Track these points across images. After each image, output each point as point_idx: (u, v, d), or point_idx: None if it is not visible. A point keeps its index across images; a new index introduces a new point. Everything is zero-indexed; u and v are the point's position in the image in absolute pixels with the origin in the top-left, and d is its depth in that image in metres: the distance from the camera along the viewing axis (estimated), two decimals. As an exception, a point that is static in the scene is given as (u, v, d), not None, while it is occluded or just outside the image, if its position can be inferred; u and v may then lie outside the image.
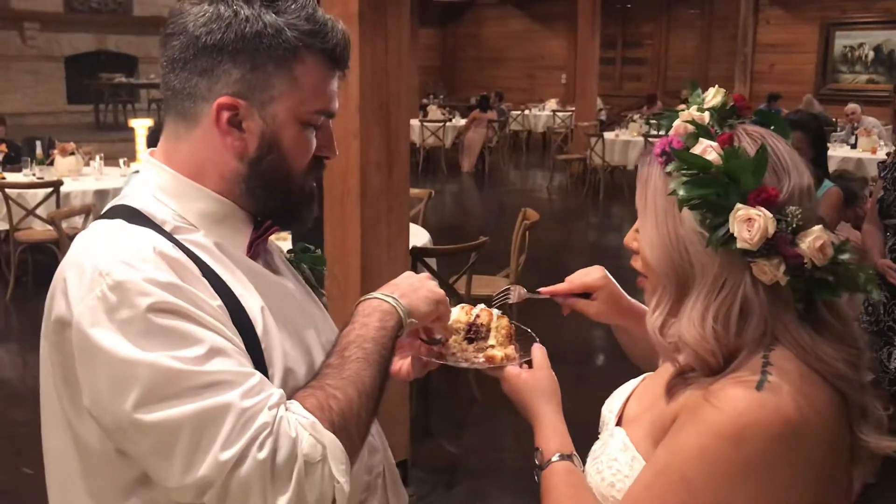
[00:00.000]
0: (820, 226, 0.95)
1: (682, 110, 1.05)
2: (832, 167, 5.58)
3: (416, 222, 4.78)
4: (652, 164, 1.03)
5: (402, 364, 1.24)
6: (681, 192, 0.97)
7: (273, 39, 0.98)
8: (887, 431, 0.97)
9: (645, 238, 1.04)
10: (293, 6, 1.00)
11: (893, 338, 3.01)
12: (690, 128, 1.01)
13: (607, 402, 1.23)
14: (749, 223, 0.93)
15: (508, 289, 1.34)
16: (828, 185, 3.49)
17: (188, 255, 0.98)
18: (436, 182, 11.27)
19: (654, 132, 9.89)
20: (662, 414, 1.01)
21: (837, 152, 8.36)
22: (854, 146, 8.61)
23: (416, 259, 3.82)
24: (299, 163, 1.04)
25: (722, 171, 0.96)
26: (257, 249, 1.10)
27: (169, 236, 0.99)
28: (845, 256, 0.96)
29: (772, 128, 1.04)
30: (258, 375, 0.93)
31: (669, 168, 0.99)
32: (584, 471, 1.11)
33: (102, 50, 13.43)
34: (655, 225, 1.01)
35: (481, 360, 1.18)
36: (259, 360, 0.98)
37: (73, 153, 6.64)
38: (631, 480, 1.01)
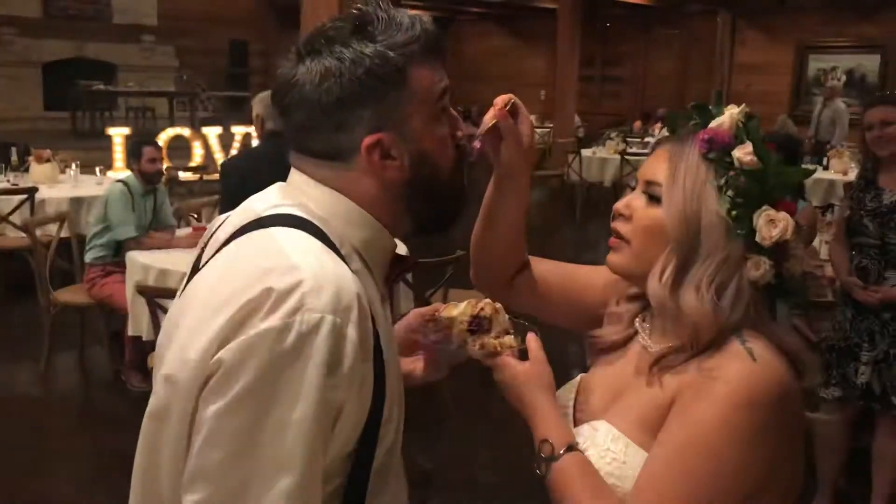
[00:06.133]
0: (801, 244, 1.13)
1: (714, 111, 1.16)
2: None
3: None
4: (688, 145, 1.13)
5: (416, 366, 1.24)
6: (728, 179, 1.09)
7: (383, 68, 0.97)
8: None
9: (668, 207, 1.12)
10: (382, 25, 0.99)
11: (860, 353, 3.05)
12: (732, 126, 1.13)
13: None
14: (772, 224, 1.08)
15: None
16: (803, 204, 3.65)
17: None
18: (414, 195, 11.25)
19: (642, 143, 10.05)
20: (653, 399, 1.10)
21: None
22: (826, 168, 8.74)
23: (393, 272, 3.82)
24: (447, 161, 1.05)
25: (770, 173, 1.10)
26: (396, 281, 1.10)
27: (347, 266, 0.96)
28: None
29: None
30: None
31: (712, 155, 1.11)
32: None
33: (81, 57, 13.32)
34: (683, 199, 1.11)
35: (477, 348, 1.18)
36: (376, 418, 0.97)
37: (48, 160, 6.58)
38: (629, 467, 1.07)
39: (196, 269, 1.06)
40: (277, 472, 0.86)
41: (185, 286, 1.05)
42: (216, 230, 1.08)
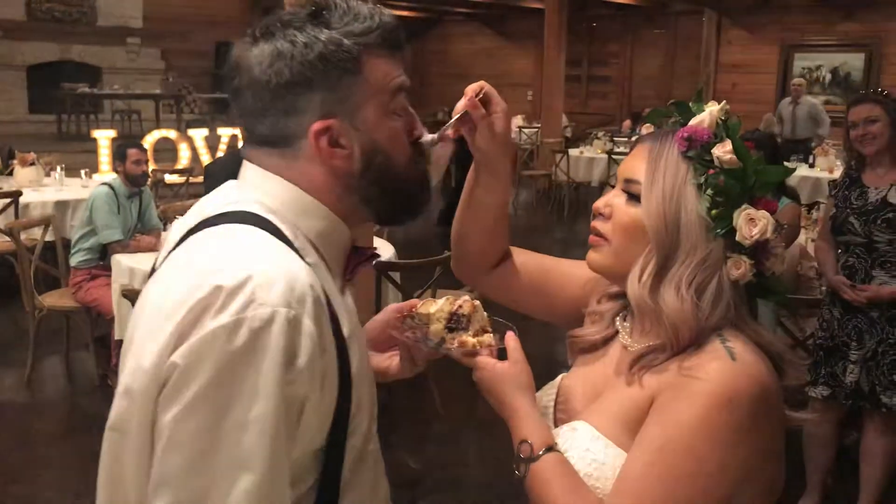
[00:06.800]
0: (783, 241, 1.11)
1: (694, 108, 1.15)
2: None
3: (380, 236, 4.78)
4: (668, 143, 1.12)
5: (391, 362, 1.23)
6: (708, 178, 1.08)
7: (336, 54, 0.96)
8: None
9: (647, 205, 1.11)
10: (339, 12, 0.98)
11: (848, 352, 3.06)
12: (712, 124, 1.12)
13: None
14: (752, 223, 1.07)
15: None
16: (785, 201, 3.73)
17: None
18: (402, 196, 11.23)
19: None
20: (633, 399, 1.09)
21: (796, 172, 8.52)
22: (812, 165, 8.79)
23: (381, 273, 3.81)
24: (402, 154, 1.04)
25: (750, 171, 1.09)
26: (353, 274, 1.08)
27: (303, 260, 0.95)
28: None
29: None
30: None
31: (692, 153, 1.10)
32: None
33: (66, 60, 13.24)
34: (662, 198, 1.10)
35: (455, 346, 1.16)
36: (344, 410, 0.96)
37: (33, 163, 6.54)
38: (609, 468, 1.06)
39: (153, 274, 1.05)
40: (238, 472, 0.84)
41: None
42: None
